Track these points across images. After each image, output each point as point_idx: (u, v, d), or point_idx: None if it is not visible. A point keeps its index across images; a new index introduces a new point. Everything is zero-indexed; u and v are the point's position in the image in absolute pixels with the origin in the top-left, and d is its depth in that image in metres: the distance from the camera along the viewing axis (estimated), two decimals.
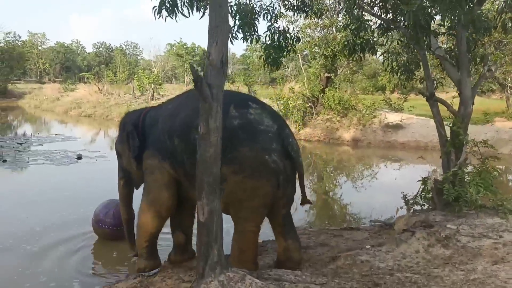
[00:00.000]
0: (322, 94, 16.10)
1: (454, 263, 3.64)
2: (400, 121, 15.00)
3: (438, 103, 5.53)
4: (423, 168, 12.26)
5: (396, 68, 6.71)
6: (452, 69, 5.43)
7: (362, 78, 27.55)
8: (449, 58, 5.57)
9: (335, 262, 4.22)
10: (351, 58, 5.52)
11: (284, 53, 6.94)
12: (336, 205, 8.64)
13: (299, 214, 7.06)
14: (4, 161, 10.83)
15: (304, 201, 4.09)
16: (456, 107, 5.47)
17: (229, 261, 3.29)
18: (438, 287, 3.13)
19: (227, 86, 31.49)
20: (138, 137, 4.36)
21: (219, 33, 2.60)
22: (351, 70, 17.22)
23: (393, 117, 15.42)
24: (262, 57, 7.11)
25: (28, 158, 11.22)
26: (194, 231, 3.86)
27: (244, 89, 28.33)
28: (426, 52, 5.55)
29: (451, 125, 5.12)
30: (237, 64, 70.00)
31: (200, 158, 2.71)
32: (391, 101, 18.70)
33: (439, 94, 5.76)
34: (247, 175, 3.66)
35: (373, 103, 15.74)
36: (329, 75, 16.08)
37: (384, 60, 6.14)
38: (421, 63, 6.51)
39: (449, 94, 13.70)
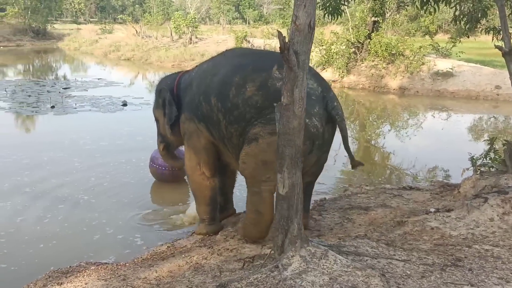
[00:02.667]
0: (368, 39, 15.43)
1: None
2: (451, 68, 14.29)
3: None
4: (472, 118, 11.86)
5: (461, 16, 6.24)
6: None
7: (404, 19, 26.32)
8: None
9: (402, 227, 4.10)
10: (422, 11, 5.10)
11: (344, 1, 6.58)
12: (379, 155, 8.44)
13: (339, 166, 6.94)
14: (53, 107, 11.01)
15: (354, 163, 3.88)
16: None
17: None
18: None
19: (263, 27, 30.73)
20: (174, 103, 4.22)
21: None
22: (401, 14, 16.32)
23: (442, 64, 14.71)
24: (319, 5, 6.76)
25: (75, 104, 11.36)
26: None
27: (283, 31, 27.55)
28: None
29: None
30: (272, 4, 68.12)
31: (282, 129, 2.57)
32: (439, 45, 17.80)
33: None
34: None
35: (420, 48, 14.99)
36: (376, 19, 15.31)
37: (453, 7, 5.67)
38: (489, 11, 6.04)
39: None
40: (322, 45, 16.49)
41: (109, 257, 4.24)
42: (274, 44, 20.55)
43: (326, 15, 6.54)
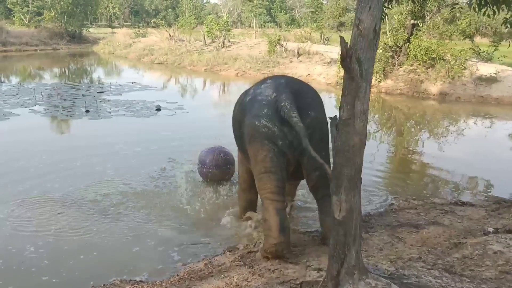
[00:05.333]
0: (407, 43, 14.92)
1: None
2: (495, 73, 13.65)
3: None
4: None
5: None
6: None
7: (440, 22, 25.44)
8: None
9: (460, 250, 3.75)
10: (481, 13, 4.72)
11: (386, 3, 6.28)
12: (419, 165, 7.94)
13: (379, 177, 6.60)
14: (88, 111, 11.00)
15: None
16: None
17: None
18: None
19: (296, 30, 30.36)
20: None
21: None
22: (442, 16, 15.73)
23: (486, 69, 14.07)
24: None
25: (110, 109, 11.32)
26: None
27: (315, 36, 27.17)
28: None
29: None
30: (304, 7, 67.68)
31: (340, 147, 2.28)
32: (480, 49, 17.10)
33: None
34: (248, 143, 3.95)
35: (460, 52, 14.39)
36: (415, 22, 14.79)
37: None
38: None
39: None
40: None
41: (144, 273, 4.03)
42: (308, 48, 20.26)
43: None
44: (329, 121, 3.55)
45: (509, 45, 14.61)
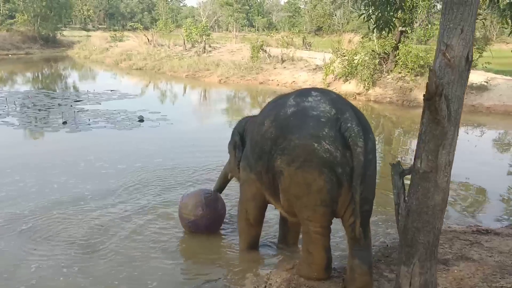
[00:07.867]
0: (395, 50, 14.62)
1: None
2: (486, 82, 13.44)
3: None
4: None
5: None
6: None
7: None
8: None
9: None
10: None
11: (393, 12, 5.82)
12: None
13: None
14: (65, 122, 10.27)
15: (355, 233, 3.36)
16: None
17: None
18: None
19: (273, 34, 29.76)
20: (241, 148, 4.28)
21: (465, 13, 1.57)
22: (432, 23, 15.49)
23: (475, 77, 13.84)
24: (364, 16, 6.09)
25: (89, 120, 10.61)
26: None
27: (297, 41, 26.76)
28: None
29: None
30: (282, 11, 67.43)
31: (416, 207, 1.77)
32: None
33: None
34: (298, 166, 3.36)
35: None
36: (404, 29, 14.49)
37: None
38: None
39: None
40: (345, 56, 15.76)
41: None
42: (291, 54, 19.85)
43: (376, 30, 5.84)
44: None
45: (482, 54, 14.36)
